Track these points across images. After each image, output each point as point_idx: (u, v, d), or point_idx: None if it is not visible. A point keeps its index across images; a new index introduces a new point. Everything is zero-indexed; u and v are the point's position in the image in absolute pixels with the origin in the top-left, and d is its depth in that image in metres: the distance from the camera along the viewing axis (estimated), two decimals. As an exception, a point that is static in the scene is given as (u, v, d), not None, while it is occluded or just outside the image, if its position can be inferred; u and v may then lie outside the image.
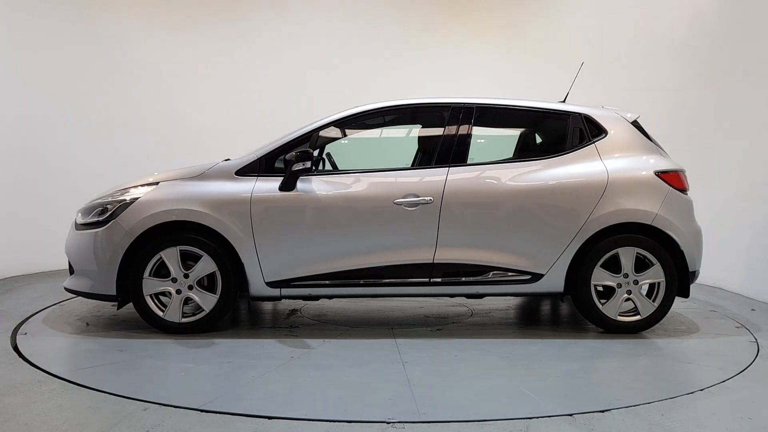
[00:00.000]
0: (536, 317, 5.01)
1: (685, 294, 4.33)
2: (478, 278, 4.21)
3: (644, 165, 4.32)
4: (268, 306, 5.28)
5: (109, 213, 4.22)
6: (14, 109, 6.58)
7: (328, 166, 4.84)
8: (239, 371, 3.47)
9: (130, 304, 4.25)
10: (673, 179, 4.30)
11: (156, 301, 4.21)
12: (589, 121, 4.43)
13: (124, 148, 7.44)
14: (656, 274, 4.23)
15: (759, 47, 5.62)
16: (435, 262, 4.17)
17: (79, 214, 4.41)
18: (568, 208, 4.19)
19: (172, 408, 2.87)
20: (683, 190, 4.34)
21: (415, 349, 3.92)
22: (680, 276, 4.27)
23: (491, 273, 4.21)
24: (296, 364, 3.59)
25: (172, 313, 4.17)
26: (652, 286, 4.28)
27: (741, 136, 5.84)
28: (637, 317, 4.27)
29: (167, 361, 3.67)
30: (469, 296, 4.40)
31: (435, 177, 4.20)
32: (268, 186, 4.17)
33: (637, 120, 4.54)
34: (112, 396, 3.01)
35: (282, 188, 4.14)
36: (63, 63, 7.02)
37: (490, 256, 4.18)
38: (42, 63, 6.83)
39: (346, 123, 4.49)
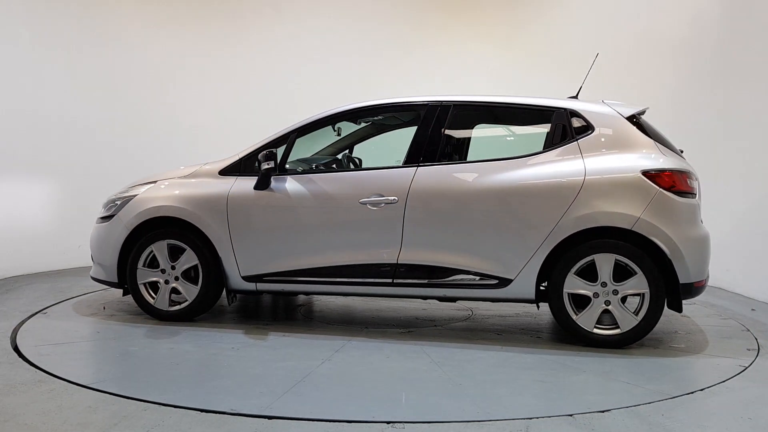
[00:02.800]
0: (537, 326, 4.76)
1: (677, 308, 3.96)
2: (443, 281, 4.05)
3: (630, 164, 3.90)
4: (297, 300, 5.39)
5: (115, 208, 4.63)
6: (14, 109, 6.57)
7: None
8: (167, 357, 3.70)
9: None
10: (666, 180, 3.84)
11: (150, 289, 4.52)
12: (575, 116, 4.08)
13: (126, 149, 7.45)
14: (639, 284, 3.82)
15: (763, 46, 5.62)
16: (399, 262, 4.08)
17: (101, 208, 4.81)
18: (537, 211, 3.91)
19: (172, 408, 2.87)
20: (682, 192, 3.87)
21: (357, 349, 3.89)
22: (672, 288, 3.87)
23: (456, 276, 4.03)
24: (224, 355, 3.75)
25: (161, 302, 4.50)
26: (641, 297, 3.89)
27: (741, 135, 5.84)
28: (617, 331, 3.88)
29: (120, 344, 4.00)
30: (440, 299, 4.30)
31: (402, 176, 4.12)
32: (245, 185, 4.35)
33: (637, 114, 4.17)
34: (112, 396, 3.01)
35: (256, 187, 4.30)
36: (63, 63, 7.02)
37: (455, 259, 4.01)
38: (42, 63, 6.82)
39: (325, 124, 4.53)
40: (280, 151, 4.42)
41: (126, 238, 4.50)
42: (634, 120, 4.12)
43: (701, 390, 3.22)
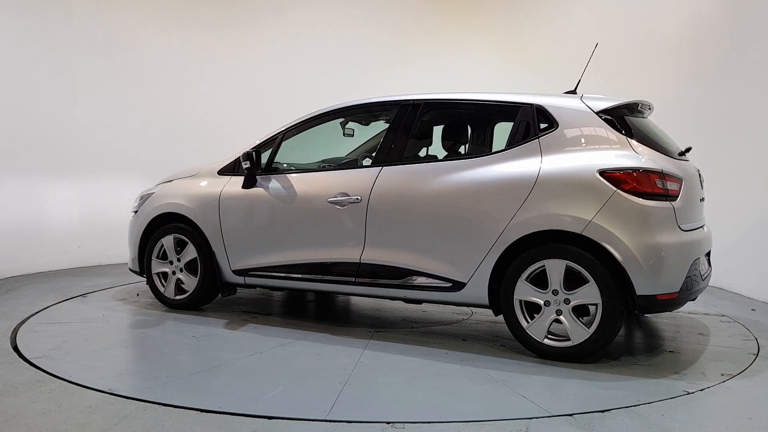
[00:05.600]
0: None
1: (638, 322, 3.70)
2: (400, 281, 3.99)
3: (588, 163, 3.57)
4: (336, 299, 5.43)
5: (139, 203, 5.09)
6: (14, 109, 6.57)
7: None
8: (122, 340, 4.15)
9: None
10: (625, 180, 3.48)
11: (163, 279, 4.92)
12: (540, 113, 3.82)
13: (126, 149, 7.45)
14: (591, 293, 3.49)
15: (762, 46, 5.61)
16: (362, 261, 4.09)
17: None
18: (488, 212, 3.73)
19: (172, 408, 2.87)
20: (648, 194, 3.48)
21: (301, 345, 3.96)
22: (632, 299, 3.49)
23: (413, 277, 3.95)
24: (177, 342, 4.05)
25: (169, 291, 4.89)
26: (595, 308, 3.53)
27: (741, 135, 5.84)
28: (568, 343, 3.58)
29: (106, 324, 4.52)
30: (405, 301, 4.22)
31: (367, 176, 4.13)
32: (237, 184, 4.59)
33: (616, 108, 3.80)
34: (111, 396, 3.01)
35: (243, 186, 4.54)
36: (66, 63, 7.01)
37: (412, 260, 3.94)
38: (46, 62, 6.82)
39: (308, 126, 4.62)
40: (276, 152, 4.58)
41: (143, 232, 4.94)
42: (608, 115, 3.77)
43: (701, 390, 3.22)
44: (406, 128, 4.18)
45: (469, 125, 4.55)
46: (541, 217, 3.58)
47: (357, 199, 4.09)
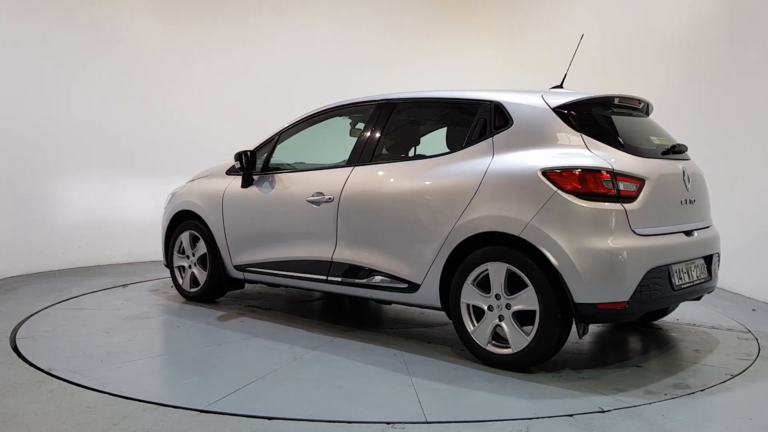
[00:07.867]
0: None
1: (578, 331, 3.41)
2: (363, 281, 4.01)
3: (533, 162, 3.41)
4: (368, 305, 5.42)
5: (169, 200, 5.40)
6: (12, 109, 6.57)
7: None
8: (112, 329, 4.31)
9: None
10: (567, 180, 3.28)
11: (182, 272, 5.23)
12: (498, 110, 3.69)
13: (125, 149, 7.44)
14: (530, 299, 3.33)
15: (762, 46, 5.61)
16: (333, 260, 4.16)
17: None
18: (437, 213, 3.67)
19: (172, 408, 2.87)
20: (594, 195, 3.26)
21: (263, 340, 4.06)
22: (570, 306, 3.27)
23: (375, 277, 3.95)
24: (152, 329, 4.38)
25: (185, 284, 5.21)
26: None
27: (741, 135, 5.83)
28: (508, 350, 3.43)
29: (115, 312, 4.90)
30: (376, 301, 4.20)
31: (340, 176, 4.19)
32: (238, 184, 4.78)
33: (577, 103, 3.59)
34: (111, 396, 3.01)
35: (242, 185, 4.74)
36: (63, 63, 7.00)
37: (374, 259, 3.95)
38: (42, 63, 6.81)
39: (300, 128, 4.75)
40: (274, 152, 4.77)
41: (167, 228, 5.30)
42: (567, 111, 3.56)
43: (701, 390, 3.22)
44: (377, 128, 4.23)
45: (434, 124, 4.52)
46: (484, 219, 3.48)
47: (330, 198, 4.16)
